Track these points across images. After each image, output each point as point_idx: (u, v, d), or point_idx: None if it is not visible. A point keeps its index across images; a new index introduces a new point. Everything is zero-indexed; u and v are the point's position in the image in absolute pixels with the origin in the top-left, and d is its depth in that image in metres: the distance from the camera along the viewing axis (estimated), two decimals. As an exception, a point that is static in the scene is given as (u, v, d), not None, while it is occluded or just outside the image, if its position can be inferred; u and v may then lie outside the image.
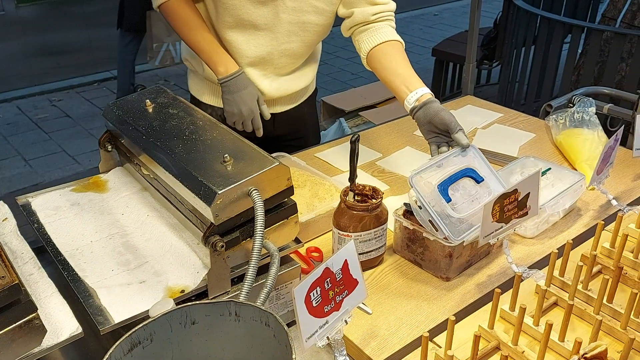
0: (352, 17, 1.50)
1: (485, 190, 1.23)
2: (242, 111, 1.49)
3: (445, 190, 1.18)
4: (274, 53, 1.53)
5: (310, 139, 1.85)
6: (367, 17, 1.48)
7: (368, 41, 1.48)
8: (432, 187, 1.17)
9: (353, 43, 1.55)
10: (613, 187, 1.52)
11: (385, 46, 1.46)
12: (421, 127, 1.35)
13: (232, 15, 1.45)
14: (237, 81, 1.47)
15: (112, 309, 0.87)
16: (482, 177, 1.24)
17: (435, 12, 7.96)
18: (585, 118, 1.72)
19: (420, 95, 1.35)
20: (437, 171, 1.21)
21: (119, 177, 1.21)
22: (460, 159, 1.25)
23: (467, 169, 1.24)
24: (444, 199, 1.16)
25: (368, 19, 1.48)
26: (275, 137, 1.70)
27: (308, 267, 1.23)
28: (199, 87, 1.67)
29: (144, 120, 1.11)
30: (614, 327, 1.00)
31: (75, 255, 0.99)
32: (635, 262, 1.17)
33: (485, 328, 1.00)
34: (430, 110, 1.31)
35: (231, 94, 1.48)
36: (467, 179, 1.22)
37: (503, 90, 4.34)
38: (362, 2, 1.48)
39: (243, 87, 1.48)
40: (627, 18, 3.66)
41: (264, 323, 0.72)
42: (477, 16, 2.15)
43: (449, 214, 1.14)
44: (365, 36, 1.49)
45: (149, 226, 1.05)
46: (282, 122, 1.69)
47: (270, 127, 1.65)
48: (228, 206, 0.89)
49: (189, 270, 0.94)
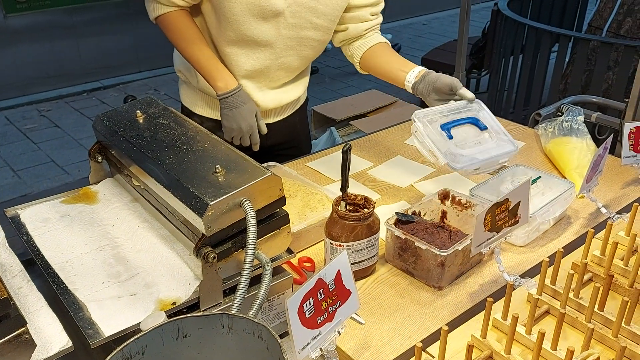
0: (346, 32, 1.61)
1: (487, 137, 1.29)
2: (242, 127, 1.50)
3: (447, 130, 1.26)
4: (271, 67, 1.54)
5: (303, 148, 1.87)
6: (360, 32, 1.61)
7: (360, 48, 1.62)
8: (435, 124, 1.25)
9: (343, 52, 1.66)
10: (602, 195, 1.53)
11: (374, 47, 1.61)
12: (426, 99, 1.45)
13: (234, 30, 1.45)
14: (237, 97, 1.48)
15: (102, 322, 0.86)
16: (486, 125, 1.31)
17: (424, 22, 8.02)
18: (574, 126, 1.74)
19: (417, 72, 1.48)
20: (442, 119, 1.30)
21: (109, 188, 1.20)
22: (465, 112, 1.34)
23: (471, 118, 1.32)
24: (446, 135, 1.23)
25: (361, 33, 1.61)
26: (268, 146, 1.70)
27: (300, 277, 1.22)
28: (192, 98, 1.67)
29: (134, 131, 1.10)
30: (605, 335, 1.01)
31: (65, 267, 0.98)
32: (626, 269, 1.18)
33: (478, 337, 1.00)
34: (430, 78, 1.44)
35: (230, 110, 1.49)
36: (470, 125, 1.30)
37: (492, 98, 4.38)
38: (355, 19, 1.59)
39: (242, 103, 1.49)
40: (613, 27, 3.71)
41: (256, 335, 0.71)
42: (465, 26, 2.17)
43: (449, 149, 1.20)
44: (356, 44, 1.63)
45: (140, 238, 1.05)
46: (275, 132, 1.69)
47: (263, 137, 1.66)
48: (220, 217, 0.89)
49: (181, 282, 0.94)
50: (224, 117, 1.50)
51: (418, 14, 8.11)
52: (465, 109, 1.37)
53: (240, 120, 1.49)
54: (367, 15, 1.58)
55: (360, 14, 1.57)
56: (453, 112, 1.34)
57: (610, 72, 3.57)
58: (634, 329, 1.01)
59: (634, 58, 3.25)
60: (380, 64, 1.58)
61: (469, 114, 1.35)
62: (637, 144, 1.52)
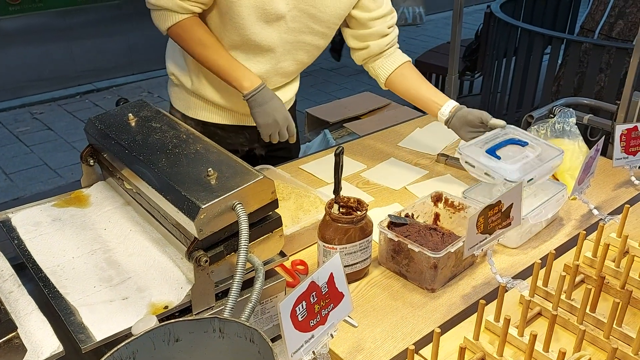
0: (367, 49, 1.62)
1: (531, 150, 1.39)
2: (278, 119, 1.48)
3: (493, 153, 1.36)
4: (269, 72, 1.55)
5: (292, 149, 1.88)
6: (382, 47, 1.62)
7: (384, 68, 1.63)
8: (480, 151, 1.36)
9: (366, 69, 1.67)
10: (594, 197, 1.54)
11: (401, 70, 1.63)
12: (459, 132, 1.56)
13: (240, 34, 1.46)
14: (265, 93, 1.46)
15: (94, 326, 0.85)
16: (526, 141, 1.41)
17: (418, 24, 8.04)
18: (566, 128, 1.74)
19: (450, 108, 1.56)
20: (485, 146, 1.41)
21: (101, 192, 1.19)
22: (502, 137, 1.44)
23: (510, 139, 1.42)
24: (494, 158, 1.33)
25: (383, 49, 1.62)
26: (259, 149, 1.73)
27: (293, 280, 1.22)
28: (185, 102, 1.66)
29: (126, 134, 1.10)
30: (597, 337, 1.01)
31: (56, 271, 0.97)
32: (617, 271, 1.18)
33: (471, 339, 1.00)
34: (462, 114, 1.53)
35: (261, 106, 1.46)
36: (511, 145, 1.40)
37: (485, 100, 4.39)
38: (374, 35, 1.60)
39: (270, 97, 1.48)
40: (605, 30, 3.73)
41: (248, 339, 0.71)
42: (458, 28, 2.18)
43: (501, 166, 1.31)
44: (380, 63, 1.64)
45: (132, 241, 1.04)
46: None
47: (256, 140, 1.67)
48: (212, 220, 0.89)
49: (173, 285, 0.93)
50: (257, 115, 1.47)
51: (412, 16, 8.13)
52: (501, 134, 1.46)
53: (274, 112, 1.47)
54: (385, 29, 1.60)
55: (378, 29, 1.58)
56: (492, 139, 1.44)
57: (602, 74, 3.59)
58: (625, 330, 1.01)
59: (625, 60, 3.27)
60: (409, 90, 1.63)
61: (506, 137, 1.45)
62: (629, 145, 1.53)
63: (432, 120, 2.04)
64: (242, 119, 1.67)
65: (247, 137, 1.71)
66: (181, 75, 1.62)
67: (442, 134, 1.94)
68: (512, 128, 1.49)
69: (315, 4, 1.48)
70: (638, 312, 1.10)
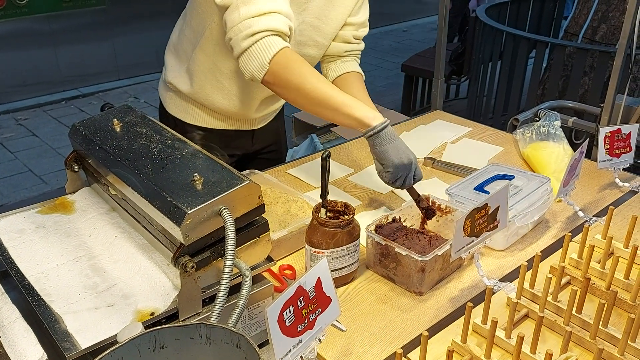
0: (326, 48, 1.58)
1: (518, 181, 1.40)
2: (412, 160, 1.32)
3: (481, 189, 1.36)
4: None
5: (282, 150, 1.91)
6: (339, 52, 1.60)
7: (334, 70, 1.61)
8: (469, 190, 1.36)
9: (320, 66, 1.65)
10: (579, 199, 1.55)
11: (348, 76, 1.59)
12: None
13: None
14: (391, 129, 1.31)
15: (79, 334, 0.84)
16: (512, 174, 1.43)
17: (405, 29, 8.09)
18: (551, 131, 1.76)
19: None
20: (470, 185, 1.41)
21: (86, 198, 1.18)
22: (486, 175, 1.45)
23: (496, 175, 1.43)
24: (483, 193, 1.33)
25: (340, 54, 1.60)
26: (252, 152, 1.75)
27: (281, 285, 1.22)
28: (182, 107, 1.62)
29: (111, 139, 1.09)
30: (583, 338, 1.02)
31: (40, 279, 0.96)
32: (603, 272, 1.19)
33: (458, 342, 1.00)
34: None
35: (391, 143, 1.30)
36: (498, 180, 1.41)
37: (472, 104, 4.42)
38: (339, 39, 1.58)
39: (396, 135, 1.31)
40: (589, 34, 3.78)
41: (235, 345, 0.70)
42: (444, 32, 2.19)
43: None
44: (332, 65, 1.62)
45: (118, 247, 1.03)
46: (260, 137, 1.73)
47: (248, 143, 1.71)
48: (198, 226, 0.88)
49: (159, 292, 0.92)
50: (389, 152, 1.29)
51: (398, 20, 8.19)
52: (485, 172, 1.47)
53: (408, 151, 1.31)
54: (350, 37, 1.59)
55: (343, 34, 1.57)
56: (478, 177, 1.44)
57: (586, 77, 3.63)
58: (611, 331, 1.02)
59: (608, 64, 3.31)
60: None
61: (492, 174, 1.45)
62: (613, 148, 1.55)
63: (419, 124, 2.05)
64: (240, 124, 1.66)
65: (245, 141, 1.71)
66: (180, 80, 1.58)
67: (429, 137, 1.95)
68: (495, 165, 1.49)
69: (320, 16, 1.48)
70: (623, 313, 1.11)
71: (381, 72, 6.30)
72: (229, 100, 1.56)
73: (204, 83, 1.54)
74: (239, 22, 1.26)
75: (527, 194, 1.35)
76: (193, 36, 1.50)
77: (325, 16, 1.49)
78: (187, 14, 1.52)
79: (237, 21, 1.26)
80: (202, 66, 1.51)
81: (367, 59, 6.72)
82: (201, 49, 1.48)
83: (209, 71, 1.51)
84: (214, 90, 1.54)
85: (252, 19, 1.25)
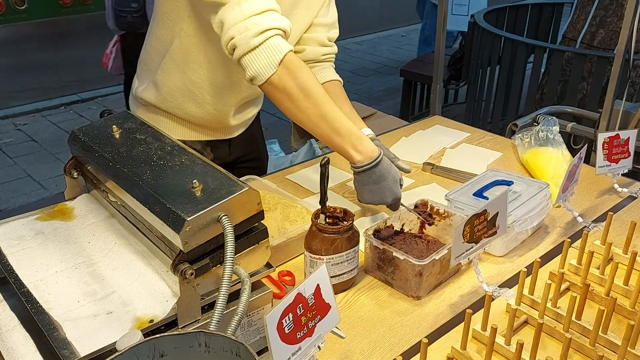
0: (303, 54, 1.56)
1: (517, 187, 1.40)
2: (389, 201, 1.31)
3: (480, 195, 1.36)
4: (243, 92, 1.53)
5: (263, 157, 1.86)
6: (317, 56, 1.57)
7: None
8: (468, 195, 1.36)
9: None
10: (578, 205, 1.55)
11: (329, 85, 1.56)
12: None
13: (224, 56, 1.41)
14: (383, 166, 1.29)
15: (77, 342, 0.84)
16: (511, 180, 1.42)
17: (403, 34, 8.11)
18: (550, 137, 1.76)
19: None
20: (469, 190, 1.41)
21: (86, 204, 1.18)
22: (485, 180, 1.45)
23: (495, 181, 1.42)
24: (482, 199, 1.32)
25: (318, 58, 1.58)
26: (231, 161, 1.70)
27: (280, 291, 1.21)
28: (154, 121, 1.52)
29: (110, 146, 1.09)
30: (583, 344, 1.02)
31: (39, 286, 0.96)
32: (602, 278, 1.19)
33: (458, 349, 1.00)
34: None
35: (377, 184, 1.29)
36: (497, 186, 1.40)
37: (470, 109, 4.43)
38: (313, 42, 1.56)
39: (388, 173, 1.29)
40: (587, 39, 3.79)
41: (234, 353, 0.70)
42: (442, 38, 2.19)
43: None
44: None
45: (117, 254, 1.03)
46: (237, 146, 1.69)
47: (226, 152, 1.66)
48: (197, 233, 0.88)
49: (158, 299, 0.92)
50: (365, 191, 1.30)
51: (397, 25, 8.20)
52: (484, 178, 1.46)
53: (387, 192, 1.30)
54: (325, 39, 1.57)
55: (317, 36, 1.56)
56: (477, 183, 1.43)
57: (585, 82, 3.64)
58: (610, 337, 1.02)
59: (607, 69, 3.32)
60: None
61: (490, 180, 1.44)
62: (611, 153, 1.55)
63: (418, 129, 2.06)
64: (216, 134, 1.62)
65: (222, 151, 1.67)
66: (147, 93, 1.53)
67: (428, 143, 1.95)
68: (494, 171, 1.49)
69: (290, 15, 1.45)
70: (623, 319, 1.10)
71: (380, 77, 6.31)
72: (202, 108, 1.51)
73: (175, 93, 1.49)
74: (243, 19, 1.20)
75: (526, 199, 1.35)
76: (160, 47, 1.45)
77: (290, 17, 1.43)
78: (152, 24, 1.47)
79: (242, 17, 1.20)
80: (172, 76, 1.46)
81: (366, 63, 6.73)
82: (171, 59, 1.44)
83: (179, 81, 1.46)
84: (186, 99, 1.50)
85: (258, 15, 1.21)
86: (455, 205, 1.35)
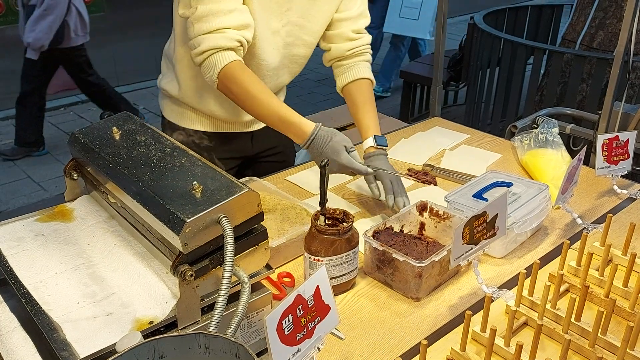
0: (330, 52, 1.62)
1: (518, 189, 1.40)
2: (333, 169, 1.38)
3: (480, 196, 1.36)
4: (271, 88, 1.55)
5: (288, 152, 1.88)
6: (342, 52, 1.61)
7: (342, 77, 1.63)
8: (468, 197, 1.36)
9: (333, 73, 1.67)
10: (577, 206, 1.55)
11: (355, 84, 1.60)
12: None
13: (250, 53, 1.45)
14: (319, 142, 1.37)
15: (77, 343, 0.84)
16: (510, 182, 1.42)
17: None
18: (549, 138, 1.77)
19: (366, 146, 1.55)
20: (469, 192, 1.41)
21: (85, 206, 1.18)
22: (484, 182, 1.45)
23: (494, 182, 1.42)
24: (482, 200, 1.33)
25: (343, 54, 1.61)
26: (254, 155, 1.74)
27: (280, 292, 1.21)
28: (178, 112, 1.65)
29: (110, 147, 1.09)
30: (582, 346, 1.02)
31: (39, 287, 0.96)
32: (601, 280, 1.19)
33: (458, 350, 1.00)
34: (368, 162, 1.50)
35: (319, 157, 1.38)
36: (497, 187, 1.41)
37: (470, 110, 4.43)
38: (339, 39, 1.59)
39: (325, 147, 1.37)
40: (586, 40, 3.79)
41: (234, 355, 0.70)
42: (442, 39, 2.20)
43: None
44: (340, 71, 1.63)
45: (116, 256, 1.03)
46: (259, 139, 1.72)
47: (248, 146, 1.70)
48: (197, 234, 0.88)
49: (158, 300, 0.92)
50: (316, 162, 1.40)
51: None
52: (484, 179, 1.46)
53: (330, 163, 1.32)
54: (349, 33, 1.58)
55: (342, 32, 1.58)
56: (476, 185, 1.44)
57: (584, 84, 3.65)
58: (610, 339, 1.02)
59: (606, 70, 3.32)
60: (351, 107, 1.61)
61: (490, 181, 1.44)
62: (611, 155, 1.55)
63: (418, 130, 2.06)
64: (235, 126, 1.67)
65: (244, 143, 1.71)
66: (172, 85, 1.61)
67: (428, 144, 1.95)
68: (493, 172, 1.49)
69: (305, 14, 1.49)
70: (622, 321, 1.11)
71: (379, 78, 6.30)
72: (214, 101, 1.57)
73: (192, 84, 1.56)
74: (193, 38, 1.37)
75: (525, 201, 1.35)
76: (177, 40, 1.53)
77: (309, 14, 1.49)
78: (173, 17, 1.54)
79: (192, 37, 1.37)
80: (189, 71, 1.54)
81: (366, 65, 6.72)
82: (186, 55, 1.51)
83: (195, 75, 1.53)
84: (203, 93, 1.57)
85: (202, 36, 1.35)
86: (454, 207, 1.35)
